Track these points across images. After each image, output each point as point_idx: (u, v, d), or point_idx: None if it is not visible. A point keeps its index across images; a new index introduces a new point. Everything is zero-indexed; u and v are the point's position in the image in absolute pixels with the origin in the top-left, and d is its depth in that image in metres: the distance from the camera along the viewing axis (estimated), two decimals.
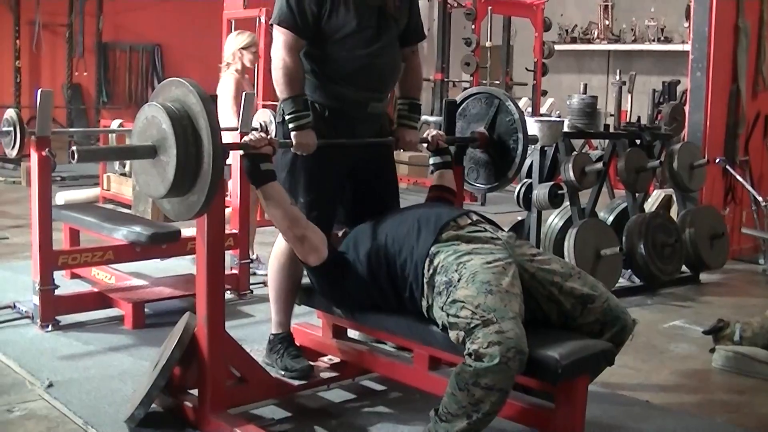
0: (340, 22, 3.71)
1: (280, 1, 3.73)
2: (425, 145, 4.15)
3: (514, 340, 2.85)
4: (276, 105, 4.03)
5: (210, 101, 3.23)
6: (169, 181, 3.20)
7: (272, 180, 3.50)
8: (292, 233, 3.51)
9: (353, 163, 3.89)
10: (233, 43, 6.54)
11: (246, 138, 3.50)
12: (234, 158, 5.43)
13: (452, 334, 3.04)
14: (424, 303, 3.28)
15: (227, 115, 6.19)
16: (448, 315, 3.05)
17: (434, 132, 4.10)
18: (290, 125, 3.68)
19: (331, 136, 3.77)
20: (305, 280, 3.93)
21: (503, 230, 3.55)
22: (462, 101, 4.47)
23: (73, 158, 3.16)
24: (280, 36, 3.71)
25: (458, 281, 3.10)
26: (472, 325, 2.93)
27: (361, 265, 3.45)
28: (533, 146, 5.08)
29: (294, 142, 3.68)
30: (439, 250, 3.26)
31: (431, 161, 4.14)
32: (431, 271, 3.24)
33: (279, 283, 3.98)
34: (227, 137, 4.81)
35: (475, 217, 3.50)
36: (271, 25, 3.79)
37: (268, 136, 3.51)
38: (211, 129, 3.15)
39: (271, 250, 4.02)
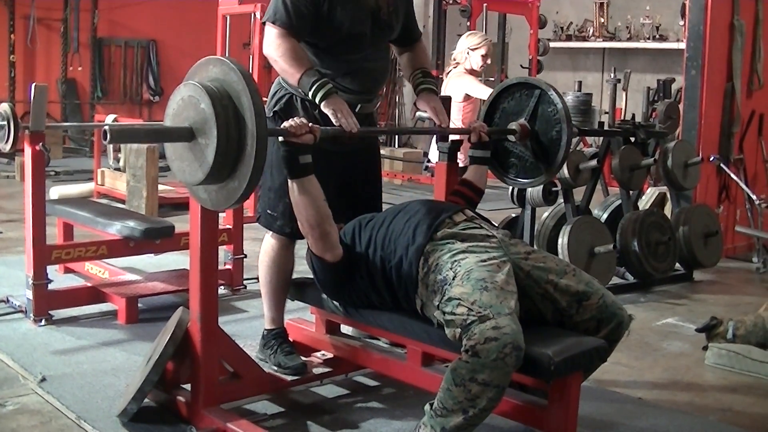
0: (336, 24, 3.69)
1: (275, 0, 3.72)
2: (467, 137, 4.02)
3: (511, 336, 2.85)
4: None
5: (252, 79, 3.00)
6: (208, 166, 2.96)
7: (310, 173, 3.32)
8: (319, 230, 3.37)
9: (341, 159, 3.88)
10: (463, 43, 6.65)
11: (285, 123, 3.26)
12: None
13: (449, 332, 3.03)
14: (418, 301, 3.28)
15: (483, 92, 6.53)
16: (444, 313, 3.05)
17: (477, 123, 4.00)
18: (317, 98, 3.57)
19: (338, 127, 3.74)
20: (296, 275, 3.93)
21: (498, 228, 3.55)
22: (498, 94, 4.25)
23: (105, 138, 2.88)
24: (273, 30, 3.68)
25: (453, 279, 3.09)
26: (468, 322, 2.92)
27: (358, 265, 3.45)
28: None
29: (329, 112, 3.57)
30: (433, 249, 3.26)
31: (469, 153, 4.02)
32: (425, 269, 3.23)
33: (270, 278, 3.97)
34: None
35: (470, 214, 3.50)
36: (264, 23, 3.77)
37: (309, 123, 3.29)
38: (255, 108, 2.92)
39: (261, 245, 4.01)
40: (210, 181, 3.06)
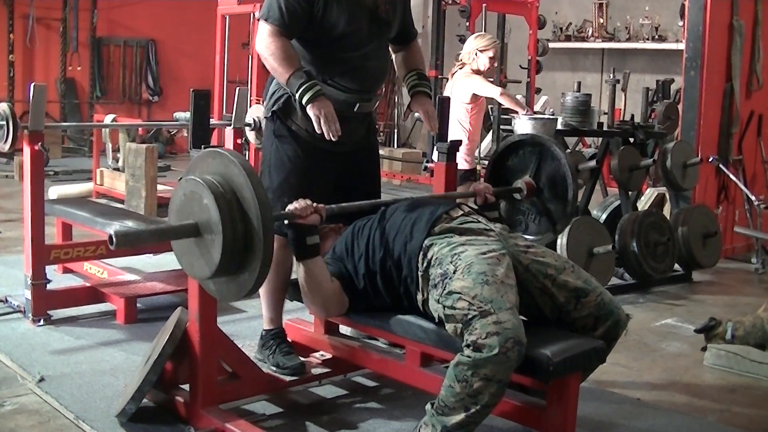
0: (331, 23, 3.69)
1: None
2: (472, 199, 3.96)
3: (513, 331, 2.85)
4: None
5: (253, 171, 2.97)
6: (216, 261, 2.93)
7: (316, 255, 3.35)
8: (324, 312, 3.50)
9: (341, 159, 3.88)
10: (471, 44, 6.65)
11: (291, 206, 3.27)
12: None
13: (449, 327, 3.03)
14: (419, 297, 3.28)
15: (491, 91, 6.64)
16: (444, 307, 3.05)
17: (482, 185, 3.96)
18: (303, 100, 3.59)
19: (320, 134, 3.74)
20: (295, 275, 3.93)
21: (497, 223, 3.55)
22: (502, 152, 4.27)
23: (111, 243, 2.83)
24: (266, 27, 3.69)
25: (454, 273, 3.09)
26: (469, 317, 2.92)
27: (358, 269, 3.44)
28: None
29: (313, 115, 3.59)
30: (432, 243, 3.26)
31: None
32: (425, 263, 3.23)
33: (269, 279, 3.94)
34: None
35: (467, 209, 3.50)
36: (259, 20, 3.78)
37: (314, 204, 3.30)
38: (259, 202, 2.89)
39: None
40: (219, 275, 3.02)
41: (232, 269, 3.00)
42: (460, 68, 6.74)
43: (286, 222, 3.31)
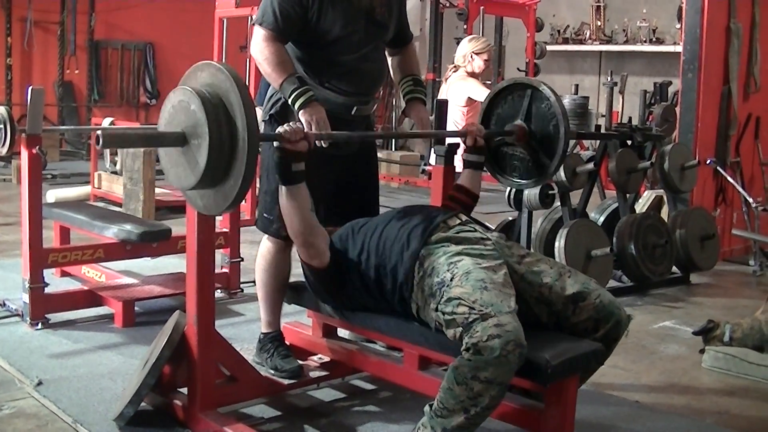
0: (327, 26, 3.69)
1: (264, 2, 3.71)
2: (461, 140, 3.97)
3: (513, 333, 2.84)
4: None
5: (239, 76, 2.98)
6: (203, 166, 2.94)
7: (301, 181, 3.32)
8: (303, 238, 3.40)
9: (339, 164, 3.88)
10: (466, 47, 6.64)
11: (280, 129, 3.21)
12: None
13: (449, 332, 3.02)
14: (414, 306, 3.26)
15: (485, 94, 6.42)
16: (443, 314, 3.04)
17: (474, 126, 3.95)
18: (295, 106, 3.60)
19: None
20: (293, 278, 3.93)
21: (493, 231, 3.55)
22: (491, 101, 4.19)
23: (98, 143, 2.89)
24: (261, 32, 3.69)
25: (451, 280, 3.09)
26: (470, 320, 2.92)
27: (352, 270, 3.44)
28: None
29: (305, 121, 3.58)
30: (428, 253, 3.25)
31: (464, 157, 3.96)
32: (421, 273, 3.22)
33: (267, 282, 3.97)
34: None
35: (464, 218, 3.49)
36: (254, 24, 3.78)
37: (304, 130, 3.28)
38: (244, 104, 2.91)
39: (258, 249, 4.01)
40: (205, 184, 3.03)
41: (216, 177, 3.00)
42: (455, 71, 6.74)
43: (274, 144, 3.26)
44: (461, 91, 6.55)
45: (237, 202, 3.05)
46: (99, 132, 2.89)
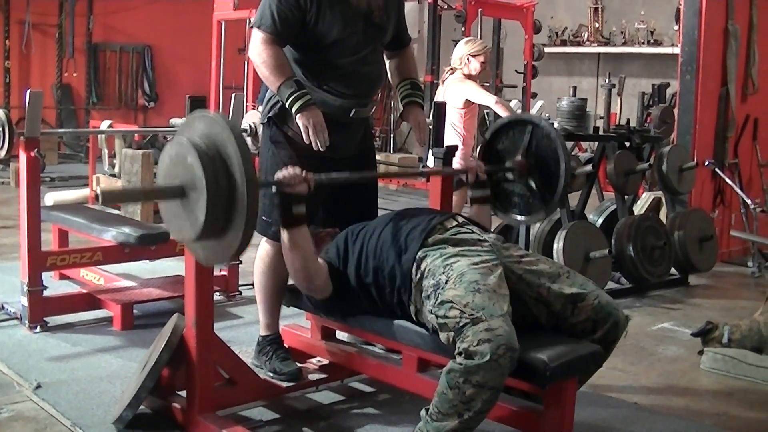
0: (325, 28, 3.69)
1: (262, 5, 3.72)
2: (464, 177, 3.98)
3: (504, 337, 2.84)
4: None
5: (237, 126, 2.94)
6: (202, 219, 2.88)
7: (302, 224, 3.32)
8: (305, 283, 3.45)
9: (337, 167, 3.88)
10: (463, 49, 6.64)
11: (279, 174, 3.23)
12: None
13: (442, 336, 3.03)
14: (412, 308, 3.27)
15: (486, 98, 6.58)
16: (437, 317, 3.05)
17: (474, 162, 3.96)
18: (293, 109, 3.61)
19: (308, 143, 3.74)
20: (291, 282, 3.93)
21: (490, 232, 3.55)
22: (492, 136, 4.18)
23: (97, 200, 2.85)
24: (259, 34, 3.70)
25: (446, 283, 3.09)
26: (461, 324, 2.92)
27: (350, 275, 3.44)
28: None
29: (302, 125, 3.61)
30: (426, 254, 3.25)
31: (469, 194, 3.98)
32: (419, 275, 3.23)
33: (265, 284, 3.97)
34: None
35: (461, 219, 3.50)
36: (252, 27, 3.79)
37: (303, 172, 3.26)
38: (241, 154, 2.83)
39: (257, 251, 4.01)
40: (206, 235, 2.97)
41: (217, 228, 2.95)
42: (451, 74, 6.74)
43: (273, 189, 3.28)
44: (459, 94, 6.55)
45: (240, 252, 2.98)
46: (98, 190, 2.86)
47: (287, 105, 3.62)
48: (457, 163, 4.20)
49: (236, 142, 2.87)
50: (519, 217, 4.13)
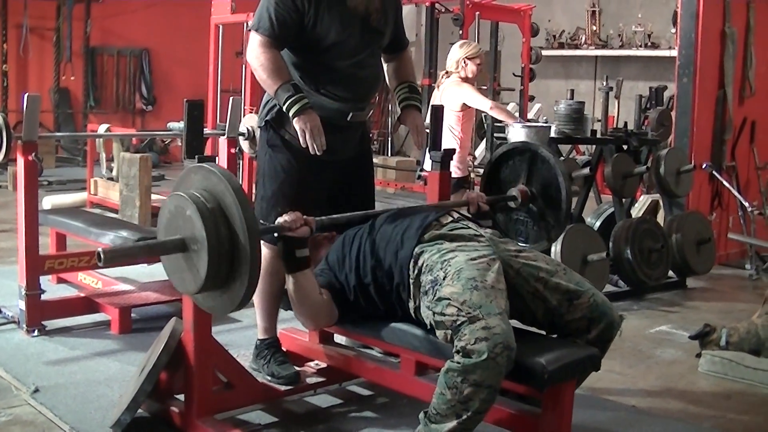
0: (323, 32, 3.70)
1: (260, 8, 3.73)
2: (466, 208, 3.95)
3: (501, 336, 2.85)
4: None
5: (235, 180, 2.96)
6: (203, 274, 2.92)
7: (306, 268, 3.33)
8: (313, 323, 3.50)
9: (334, 170, 3.89)
10: (458, 52, 6.64)
11: (280, 219, 3.26)
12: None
13: (439, 333, 3.04)
14: (411, 304, 3.28)
15: (482, 103, 6.57)
16: (434, 313, 3.05)
17: (474, 194, 3.96)
18: (290, 113, 3.62)
19: (305, 147, 3.74)
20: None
21: (486, 228, 3.55)
22: (493, 165, 4.23)
23: (99, 261, 2.85)
24: (257, 38, 3.70)
25: (444, 279, 3.10)
26: (458, 323, 2.93)
27: (349, 279, 3.44)
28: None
29: (299, 129, 3.61)
30: (423, 250, 3.26)
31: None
32: (416, 271, 3.24)
33: (263, 288, 3.96)
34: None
35: (456, 216, 3.50)
36: (250, 30, 3.79)
37: (303, 216, 3.28)
38: (240, 204, 2.88)
39: None
40: (210, 286, 2.99)
41: (220, 282, 2.97)
42: (447, 77, 6.74)
43: (276, 234, 3.29)
44: (456, 97, 6.55)
45: (244, 303, 3.00)
46: (100, 250, 2.85)
47: (284, 109, 3.63)
48: (455, 167, 4.21)
49: (234, 193, 2.89)
50: (524, 246, 4.13)
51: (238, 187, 2.94)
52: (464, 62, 6.61)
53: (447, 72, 6.74)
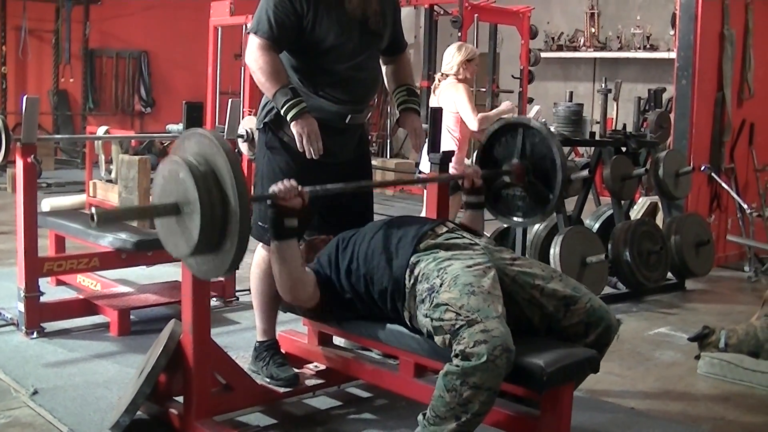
0: (322, 34, 3.69)
1: (259, 11, 3.73)
2: (460, 182, 3.98)
3: (500, 338, 2.85)
4: None
5: (227, 143, 2.99)
6: (197, 232, 2.92)
7: (293, 238, 3.34)
8: (291, 294, 3.45)
9: (333, 172, 3.88)
10: (457, 55, 6.63)
11: (274, 187, 3.26)
12: None
13: (438, 339, 3.04)
14: (406, 314, 3.28)
15: (469, 120, 6.46)
16: (432, 320, 3.05)
17: (470, 169, 3.96)
18: (288, 116, 3.61)
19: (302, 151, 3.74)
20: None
21: (483, 236, 3.56)
22: (486, 145, 4.18)
23: (93, 221, 2.85)
24: (256, 40, 3.70)
25: (440, 286, 3.09)
26: (457, 326, 2.93)
27: (342, 282, 3.44)
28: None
29: (296, 133, 3.61)
30: (419, 260, 3.26)
31: (464, 199, 3.97)
32: (412, 280, 3.23)
33: (262, 290, 3.97)
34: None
35: (451, 225, 3.51)
36: (249, 33, 3.79)
37: (299, 187, 3.28)
38: (232, 167, 2.90)
39: (253, 257, 4.01)
40: (201, 250, 3.01)
41: (212, 245, 2.98)
42: (443, 80, 6.73)
43: (268, 202, 3.29)
44: (452, 99, 6.55)
45: (234, 265, 3.01)
46: (93, 210, 2.87)
47: (282, 112, 3.63)
48: (452, 168, 4.20)
49: (226, 156, 2.92)
50: (521, 219, 4.15)
51: (230, 150, 2.96)
52: (465, 65, 6.62)
53: (443, 74, 6.74)
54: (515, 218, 4.15)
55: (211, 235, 2.95)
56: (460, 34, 10.74)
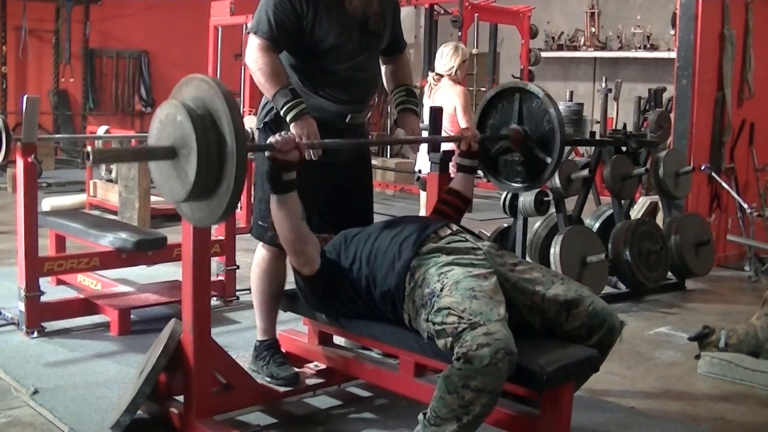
0: (322, 35, 3.70)
1: (259, 11, 3.73)
2: (455, 145, 3.98)
3: (503, 341, 2.85)
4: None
5: (225, 87, 2.98)
6: (193, 175, 2.90)
7: (292, 190, 3.34)
8: (293, 246, 3.42)
9: (333, 172, 3.89)
10: (455, 57, 6.65)
11: (271, 138, 3.24)
12: None
13: (440, 342, 3.03)
14: (405, 317, 3.27)
15: (468, 123, 6.35)
16: (434, 324, 3.05)
17: (468, 132, 3.93)
18: (287, 117, 3.60)
19: None
20: (288, 286, 3.93)
21: (485, 240, 3.55)
22: (483, 112, 4.19)
23: (87, 159, 2.86)
24: (255, 41, 3.70)
25: (441, 290, 3.09)
26: (459, 329, 2.92)
27: (343, 279, 3.44)
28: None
29: (295, 133, 3.58)
30: (419, 264, 3.25)
31: (457, 161, 3.97)
32: (412, 284, 3.23)
33: (262, 289, 3.97)
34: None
35: (455, 228, 3.50)
36: (249, 33, 3.79)
37: (296, 139, 3.28)
38: (230, 111, 2.89)
39: (253, 257, 4.01)
40: (197, 195, 3.00)
41: (208, 189, 2.97)
42: (438, 81, 6.75)
43: (266, 154, 3.27)
44: (450, 100, 6.56)
45: (230, 210, 3.01)
46: (88, 149, 2.85)
47: (282, 113, 3.62)
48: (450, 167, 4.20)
49: (224, 100, 2.91)
50: (522, 185, 4.15)
51: (229, 94, 2.95)
52: (461, 67, 6.65)
53: (439, 75, 6.75)
54: (515, 184, 4.15)
55: (207, 177, 2.93)
56: (460, 33, 10.76)
